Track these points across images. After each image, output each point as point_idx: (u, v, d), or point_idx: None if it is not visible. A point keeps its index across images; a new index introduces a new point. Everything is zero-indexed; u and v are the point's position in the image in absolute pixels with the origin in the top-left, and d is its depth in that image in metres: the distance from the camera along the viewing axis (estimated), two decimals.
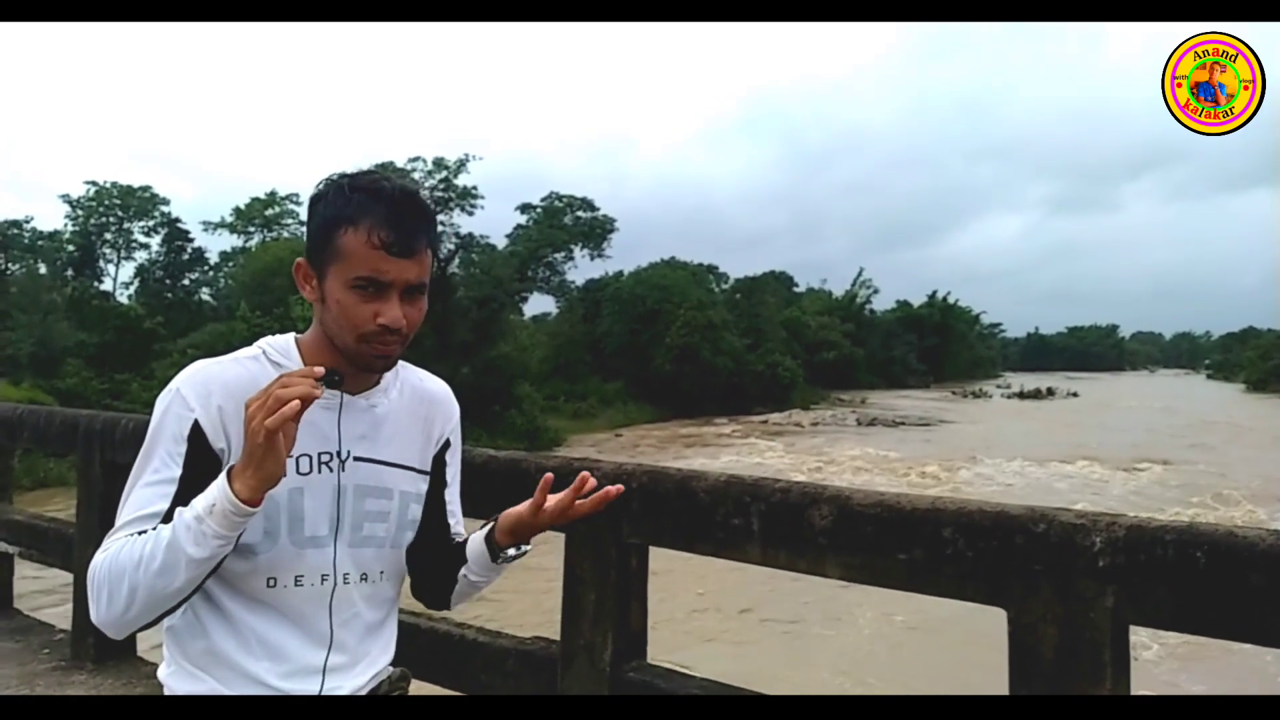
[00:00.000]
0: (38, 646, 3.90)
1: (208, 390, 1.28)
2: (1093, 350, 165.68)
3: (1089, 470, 24.87)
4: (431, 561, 1.48)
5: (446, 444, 1.51)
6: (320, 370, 1.18)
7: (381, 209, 1.26)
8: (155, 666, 3.69)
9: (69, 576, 3.85)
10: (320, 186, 1.31)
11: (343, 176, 1.31)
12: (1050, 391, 67.49)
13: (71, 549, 3.80)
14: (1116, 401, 59.83)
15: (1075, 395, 66.53)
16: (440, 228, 1.44)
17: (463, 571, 1.45)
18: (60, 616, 4.18)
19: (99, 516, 3.65)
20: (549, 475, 1.36)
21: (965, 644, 8.94)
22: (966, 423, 41.05)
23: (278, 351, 1.36)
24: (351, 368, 1.32)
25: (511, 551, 1.43)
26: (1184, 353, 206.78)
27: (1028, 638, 1.70)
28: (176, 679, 1.33)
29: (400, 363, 1.43)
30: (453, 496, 1.54)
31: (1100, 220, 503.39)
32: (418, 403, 1.46)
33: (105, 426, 3.69)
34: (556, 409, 36.42)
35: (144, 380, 28.56)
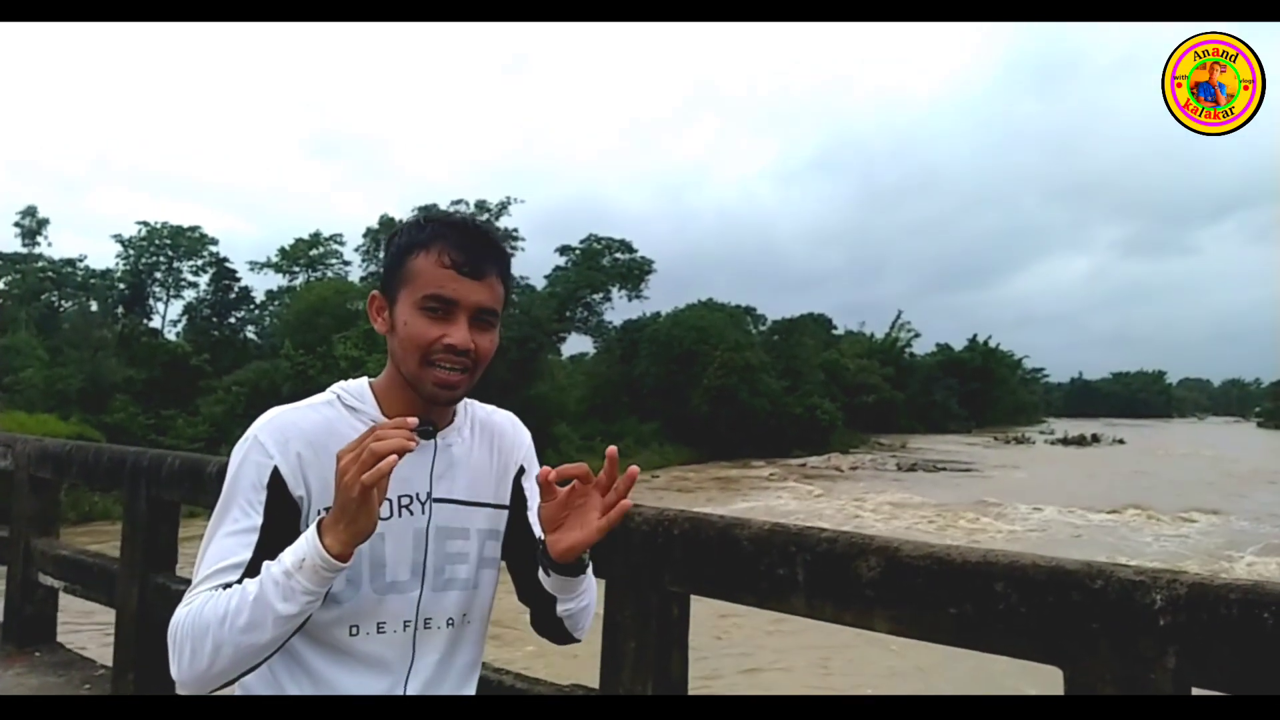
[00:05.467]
0: (79, 682, 3.93)
1: (285, 437, 1.27)
2: (1139, 396, 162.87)
3: (1138, 519, 24.27)
4: (535, 590, 1.39)
5: (521, 470, 1.48)
6: (414, 420, 1.17)
7: (454, 234, 1.29)
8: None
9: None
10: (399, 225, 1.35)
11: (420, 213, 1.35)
12: (1095, 438, 66.24)
13: (115, 584, 3.84)
14: (1165, 449, 58.50)
15: (1121, 442, 65.17)
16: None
17: (558, 610, 1.37)
18: (101, 649, 4.21)
19: (143, 552, 3.68)
20: (612, 449, 1.26)
21: None
22: (1010, 468, 40.31)
23: (352, 396, 1.35)
24: (419, 402, 1.30)
25: (584, 559, 1.33)
26: (1233, 400, 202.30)
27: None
28: None
29: (467, 400, 1.42)
30: (535, 517, 1.49)
31: (1172, 264, 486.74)
32: (488, 436, 1.45)
33: (152, 463, 3.73)
34: (593, 449, 36.36)
35: (189, 416, 29.07)
